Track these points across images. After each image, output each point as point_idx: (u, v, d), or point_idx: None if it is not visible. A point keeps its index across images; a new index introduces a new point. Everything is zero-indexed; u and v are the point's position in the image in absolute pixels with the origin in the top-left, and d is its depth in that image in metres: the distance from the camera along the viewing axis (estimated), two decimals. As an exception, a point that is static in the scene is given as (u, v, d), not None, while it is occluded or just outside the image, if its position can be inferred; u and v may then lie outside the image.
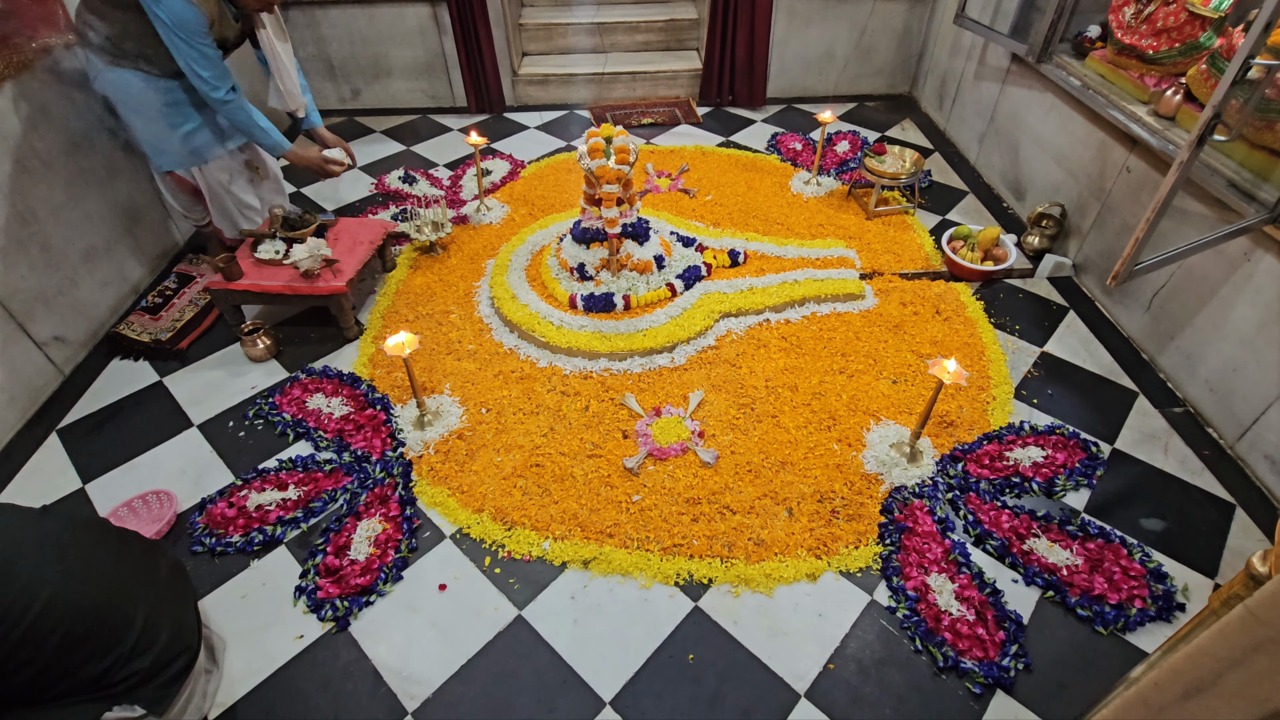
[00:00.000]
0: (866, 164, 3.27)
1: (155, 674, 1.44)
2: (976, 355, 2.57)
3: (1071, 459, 2.19)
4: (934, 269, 3.01)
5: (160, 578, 1.55)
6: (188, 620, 1.56)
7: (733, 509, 2.07)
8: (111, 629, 1.38)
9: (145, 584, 1.49)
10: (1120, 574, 1.87)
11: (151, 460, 2.27)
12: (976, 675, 1.69)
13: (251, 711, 1.68)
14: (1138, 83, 2.60)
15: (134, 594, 1.45)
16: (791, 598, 1.88)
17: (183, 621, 1.54)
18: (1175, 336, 2.44)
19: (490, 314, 2.78)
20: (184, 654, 1.51)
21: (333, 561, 1.93)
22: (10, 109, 2.34)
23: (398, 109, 4.46)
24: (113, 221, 2.78)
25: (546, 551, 1.98)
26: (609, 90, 4.50)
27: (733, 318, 2.72)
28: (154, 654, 1.43)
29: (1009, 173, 3.46)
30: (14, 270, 2.32)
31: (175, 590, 1.57)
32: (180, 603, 1.57)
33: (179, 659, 1.50)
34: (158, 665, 1.44)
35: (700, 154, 3.89)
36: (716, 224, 3.28)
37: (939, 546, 1.95)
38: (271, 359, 2.64)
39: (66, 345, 2.55)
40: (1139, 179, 2.57)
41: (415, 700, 1.69)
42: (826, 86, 4.51)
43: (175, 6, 2.19)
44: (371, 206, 3.47)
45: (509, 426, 2.33)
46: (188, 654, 1.53)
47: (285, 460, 2.22)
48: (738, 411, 2.36)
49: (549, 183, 3.66)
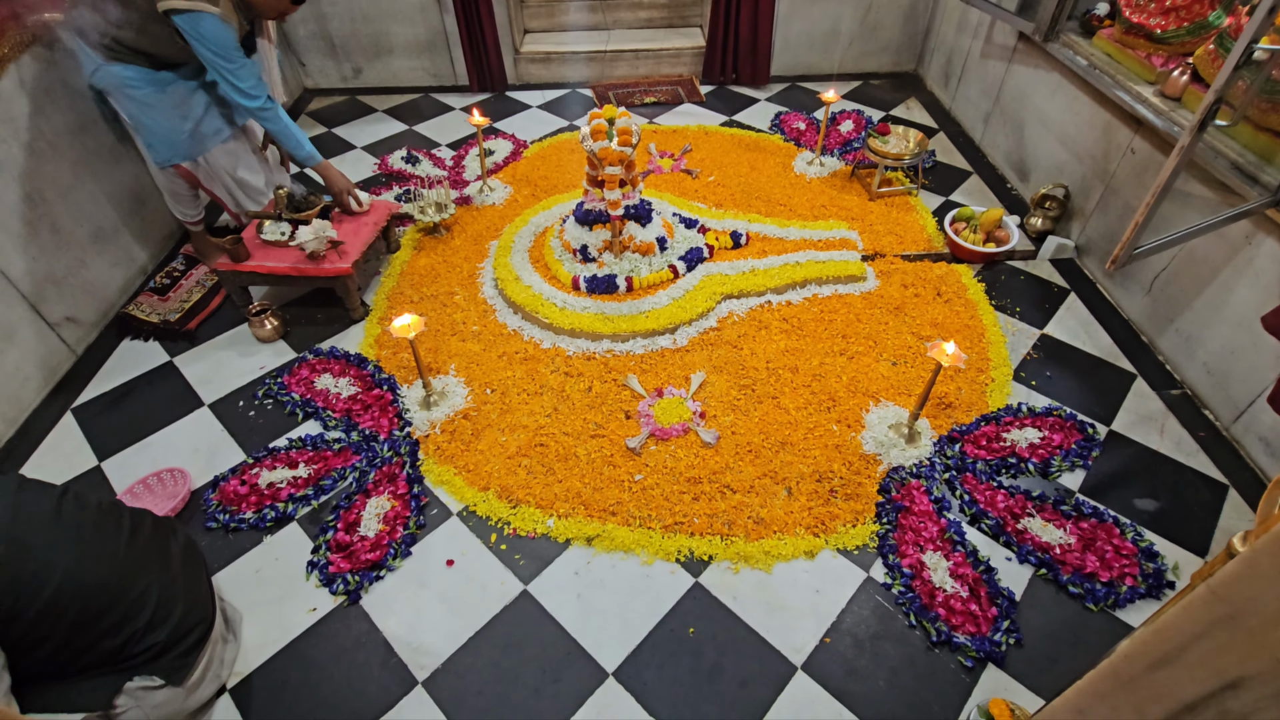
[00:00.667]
0: (870, 144, 3.26)
1: (172, 646, 1.50)
2: (976, 337, 2.60)
3: (1068, 440, 2.23)
4: (936, 251, 3.02)
5: (173, 554, 1.60)
6: (201, 594, 1.62)
7: (733, 488, 2.11)
8: (126, 605, 1.43)
9: (158, 561, 1.54)
10: (1112, 553, 1.92)
11: (164, 439, 2.32)
12: (969, 649, 1.75)
13: (268, 680, 1.74)
14: (1145, 63, 2.58)
15: (147, 571, 1.50)
16: (790, 574, 1.93)
17: (197, 595, 1.60)
18: (1175, 319, 2.45)
19: (494, 295, 2.81)
20: (200, 625, 1.57)
21: (343, 537, 1.99)
22: (16, 90, 2.35)
23: (399, 87, 4.43)
24: (120, 202, 2.80)
25: (551, 529, 2.04)
26: (611, 69, 4.47)
27: (734, 299, 2.75)
28: (170, 627, 1.49)
29: (1013, 153, 3.44)
30: (25, 252, 2.36)
31: (188, 566, 1.62)
32: (193, 577, 1.62)
33: (195, 630, 1.56)
34: (174, 637, 1.50)
35: (703, 134, 3.87)
36: (719, 205, 3.28)
37: (935, 525, 2.00)
38: (279, 339, 2.67)
39: (78, 326, 2.59)
40: (1143, 161, 2.57)
41: (425, 670, 1.75)
42: (831, 64, 4.46)
43: (216, 30, 2.24)
44: (375, 187, 3.48)
45: (513, 407, 2.37)
46: (203, 625, 1.59)
47: (295, 439, 2.27)
48: (739, 392, 2.39)
49: (551, 163, 3.65)
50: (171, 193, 2.78)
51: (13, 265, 2.31)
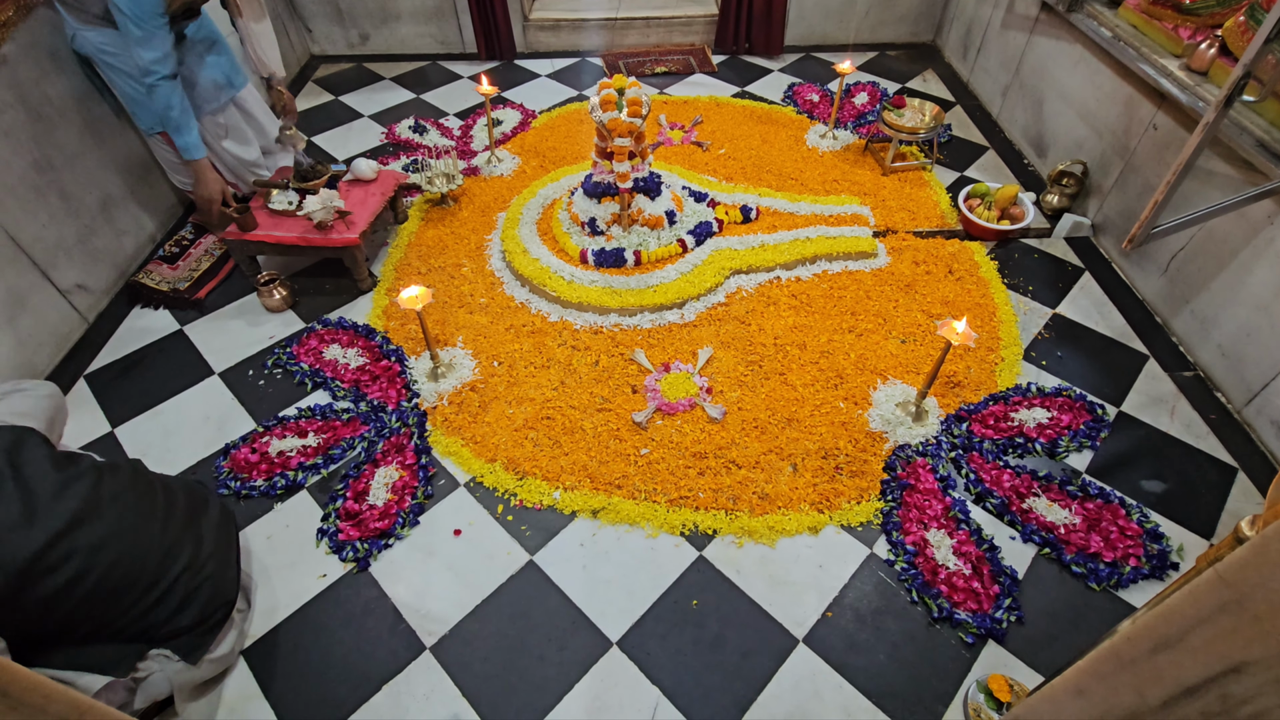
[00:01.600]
0: (885, 117, 3.19)
1: (195, 626, 1.54)
2: (987, 316, 2.57)
3: (1076, 421, 2.21)
4: (949, 227, 2.97)
5: (204, 535, 1.61)
6: (229, 576, 1.65)
7: (738, 463, 2.12)
8: (159, 589, 1.46)
9: (193, 543, 1.57)
10: (1117, 533, 1.92)
11: (176, 406, 2.34)
12: (970, 626, 1.76)
13: (280, 644, 1.78)
14: (1171, 35, 2.51)
15: (182, 553, 1.52)
16: (793, 549, 1.95)
17: (224, 578, 1.62)
18: (1190, 300, 2.42)
19: (502, 268, 2.80)
20: (223, 607, 1.61)
21: (352, 506, 2.01)
22: (22, 54, 2.33)
23: (407, 54, 4.37)
24: (128, 170, 2.79)
25: (557, 501, 2.05)
26: (622, 37, 4.38)
27: (743, 274, 2.72)
28: (195, 609, 1.52)
29: (1031, 128, 3.37)
30: (35, 219, 2.36)
31: (219, 546, 1.64)
32: (223, 560, 1.64)
33: (218, 612, 1.59)
34: (198, 620, 1.54)
35: (714, 105, 3.81)
36: (729, 178, 3.24)
37: (939, 503, 2.00)
38: (288, 309, 2.68)
39: (89, 293, 2.60)
40: (1165, 137, 2.51)
41: (433, 636, 1.78)
42: (846, 34, 4.36)
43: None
44: (382, 156, 3.45)
45: (520, 380, 2.37)
46: (226, 607, 1.62)
47: (304, 409, 2.29)
48: (746, 368, 2.39)
49: (560, 134, 3.61)
50: (167, 161, 2.76)
51: (23, 232, 2.31)
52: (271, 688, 1.70)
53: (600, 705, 1.66)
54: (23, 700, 0.74)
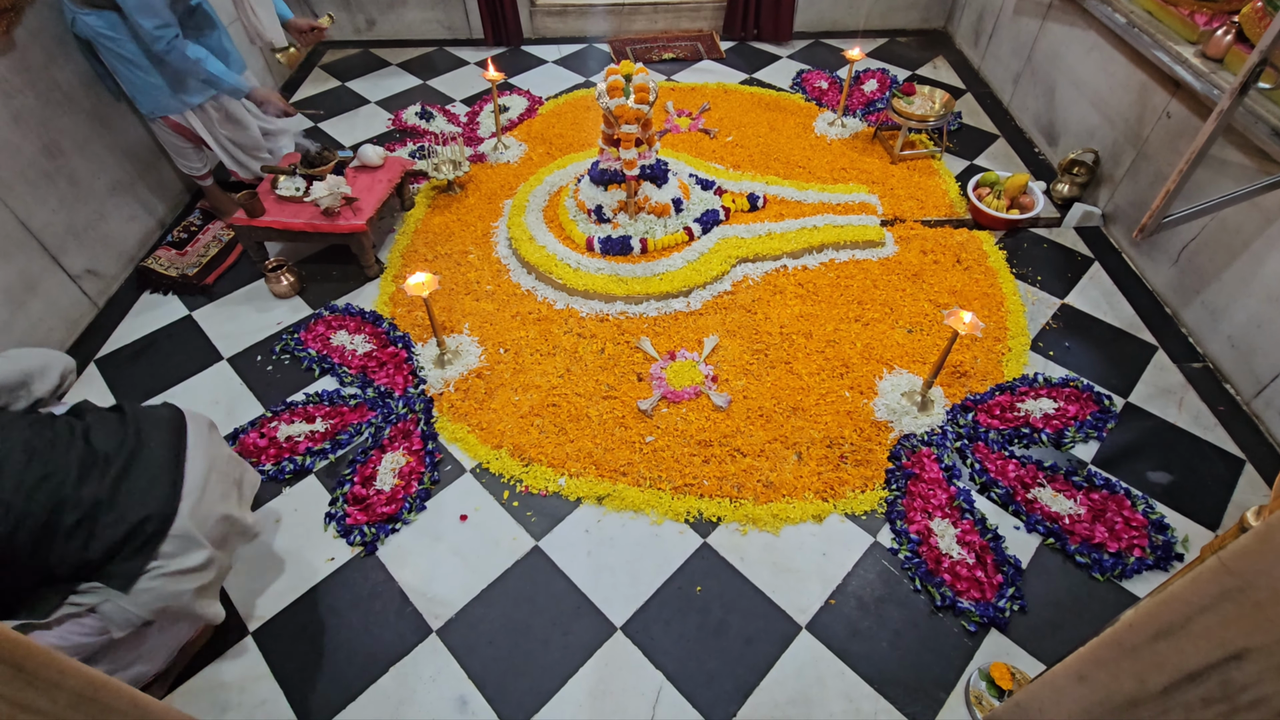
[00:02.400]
0: (894, 105, 3.16)
1: (124, 544, 1.40)
2: (995, 306, 2.56)
3: (1083, 411, 2.21)
4: (958, 216, 2.95)
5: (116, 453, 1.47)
6: (156, 491, 1.47)
7: (743, 452, 2.12)
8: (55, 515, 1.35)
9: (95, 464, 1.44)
10: (1122, 524, 1.92)
11: (185, 390, 2.36)
12: (972, 614, 1.77)
13: (288, 626, 1.81)
14: (1187, 20, 2.47)
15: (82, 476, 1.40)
16: (797, 537, 1.95)
17: (150, 492, 1.46)
18: (1201, 291, 2.40)
19: (508, 255, 2.80)
20: (150, 520, 1.44)
21: (360, 491, 2.03)
22: (31, 39, 2.33)
23: (413, 40, 4.35)
24: (136, 155, 2.79)
25: (562, 487, 2.07)
26: (629, 23, 4.34)
27: (750, 263, 2.72)
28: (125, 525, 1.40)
29: (1043, 116, 3.33)
30: (45, 204, 2.37)
31: (147, 459, 1.50)
32: (148, 471, 1.49)
33: (146, 524, 1.43)
34: (128, 537, 1.40)
35: (722, 92, 3.78)
36: (736, 166, 3.22)
37: (944, 493, 2.00)
38: (295, 295, 2.69)
39: (99, 278, 2.62)
40: (1179, 125, 2.47)
41: (439, 620, 1.80)
42: (856, 20, 4.31)
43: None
44: (389, 143, 3.44)
45: (526, 367, 2.38)
46: (155, 520, 1.45)
47: (312, 394, 2.30)
48: (751, 357, 2.39)
49: (567, 120, 3.59)
50: (170, 145, 2.76)
51: (34, 216, 2.33)
52: (280, 668, 1.73)
53: (604, 689, 1.68)
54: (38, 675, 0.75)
